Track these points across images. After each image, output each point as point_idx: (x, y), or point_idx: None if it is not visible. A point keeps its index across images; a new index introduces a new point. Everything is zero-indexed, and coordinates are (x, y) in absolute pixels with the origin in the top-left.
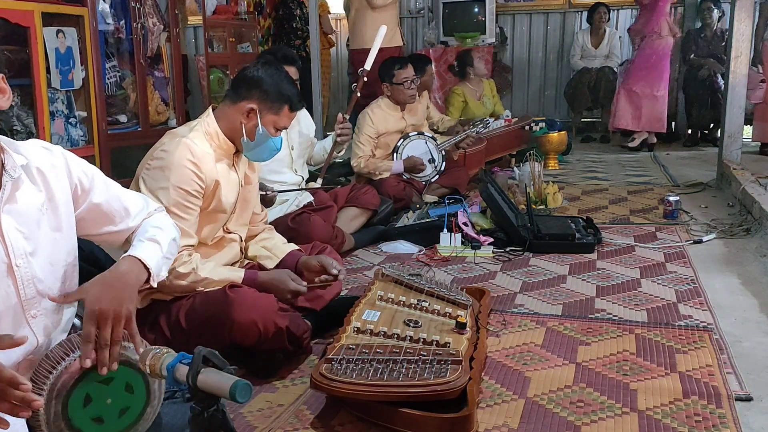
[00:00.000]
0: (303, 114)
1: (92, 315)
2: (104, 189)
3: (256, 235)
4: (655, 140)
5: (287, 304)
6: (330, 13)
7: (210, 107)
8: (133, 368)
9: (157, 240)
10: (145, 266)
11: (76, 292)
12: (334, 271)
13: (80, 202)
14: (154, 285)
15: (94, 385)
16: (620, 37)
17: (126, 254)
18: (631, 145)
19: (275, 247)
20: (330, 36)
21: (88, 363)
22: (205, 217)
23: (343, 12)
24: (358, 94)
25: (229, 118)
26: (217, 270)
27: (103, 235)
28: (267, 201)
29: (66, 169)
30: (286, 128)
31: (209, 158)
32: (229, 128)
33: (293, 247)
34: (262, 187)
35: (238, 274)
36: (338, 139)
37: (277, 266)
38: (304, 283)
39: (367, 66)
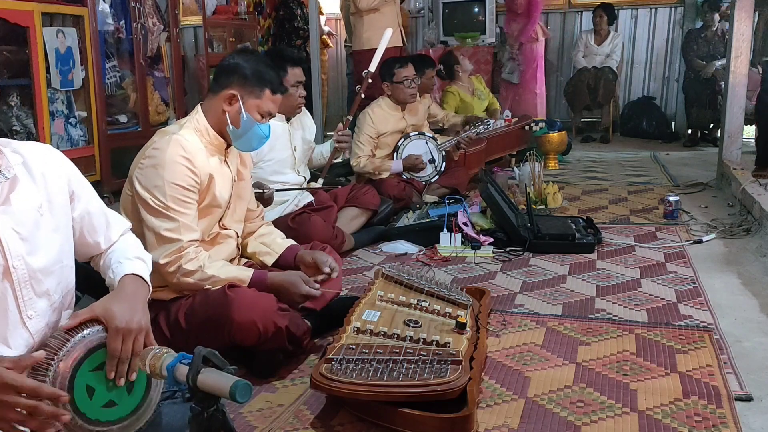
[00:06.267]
0: (308, 120)
1: (118, 332)
2: (94, 200)
3: (254, 232)
4: None
5: (294, 306)
6: (323, 14)
7: (198, 104)
8: None
9: (142, 258)
10: (145, 281)
11: (86, 312)
12: (327, 269)
13: (75, 208)
14: (149, 297)
15: (90, 375)
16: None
17: (124, 274)
18: None
19: (273, 243)
20: (323, 36)
21: (119, 380)
22: (200, 212)
23: (340, 13)
24: (362, 96)
25: (214, 109)
26: (225, 268)
27: (82, 244)
28: (265, 200)
29: (66, 173)
30: (272, 115)
31: (201, 153)
32: (216, 120)
33: (291, 242)
34: (259, 186)
35: (246, 274)
36: (337, 145)
37: (276, 262)
38: (317, 285)
39: (372, 68)
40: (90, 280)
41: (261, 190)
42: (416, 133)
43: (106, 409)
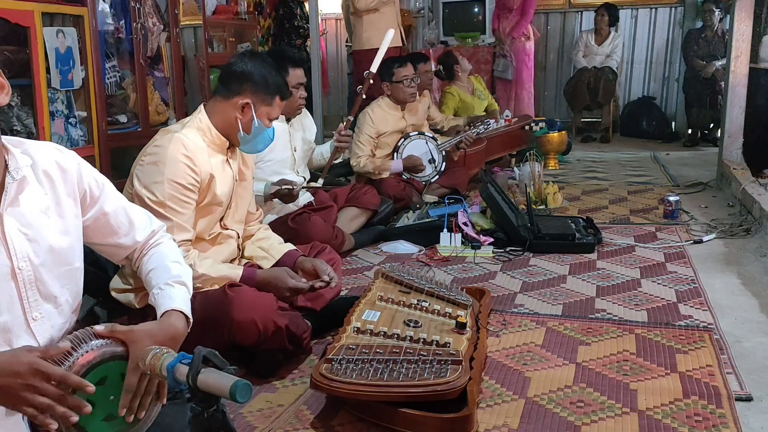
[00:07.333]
0: (309, 121)
1: (138, 369)
2: (113, 200)
3: (252, 235)
4: None
5: (286, 302)
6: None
7: (201, 104)
8: (121, 359)
9: (184, 282)
10: (188, 319)
11: (125, 332)
12: (326, 278)
13: (88, 210)
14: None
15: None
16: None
17: (170, 308)
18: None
19: (272, 248)
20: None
21: (123, 411)
22: (201, 210)
23: (341, 12)
24: (363, 96)
25: (223, 113)
26: (215, 267)
27: (105, 245)
28: (293, 196)
29: (77, 173)
30: (277, 118)
31: (203, 152)
32: (223, 124)
33: (290, 246)
34: (286, 183)
35: (236, 272)
36: (337, 145)
37: (274, 266)
38: (304, 280)
39: (373, 68)
40: (89, 278)
41: (290, 187)
42: (416, 133)
43: (106, 423)
